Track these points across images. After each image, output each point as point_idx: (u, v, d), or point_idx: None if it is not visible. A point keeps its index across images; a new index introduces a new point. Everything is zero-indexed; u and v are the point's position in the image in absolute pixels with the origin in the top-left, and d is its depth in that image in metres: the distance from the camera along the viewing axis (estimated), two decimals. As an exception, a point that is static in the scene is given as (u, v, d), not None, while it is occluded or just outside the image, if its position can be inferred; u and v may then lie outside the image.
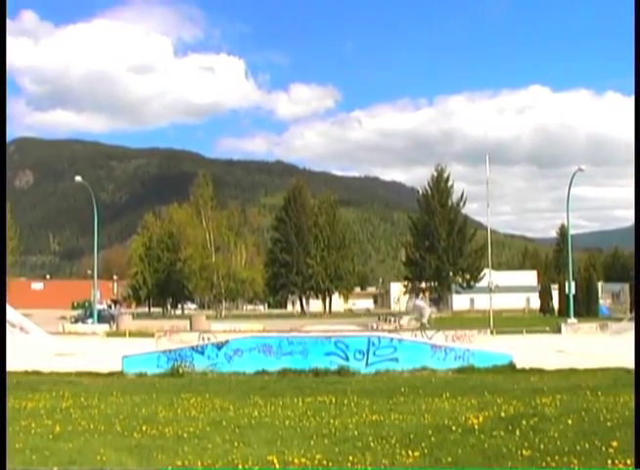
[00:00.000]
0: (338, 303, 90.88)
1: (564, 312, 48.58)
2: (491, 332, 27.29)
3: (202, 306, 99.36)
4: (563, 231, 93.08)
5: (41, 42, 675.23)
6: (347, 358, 16.12)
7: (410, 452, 7.23)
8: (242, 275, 76.63)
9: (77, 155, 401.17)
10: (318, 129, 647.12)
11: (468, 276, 74.21)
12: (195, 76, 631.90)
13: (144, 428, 8.83)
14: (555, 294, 61.17)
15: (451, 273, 74.34)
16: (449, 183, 76.84)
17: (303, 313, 79.00)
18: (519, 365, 15.93)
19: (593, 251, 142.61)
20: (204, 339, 20.96)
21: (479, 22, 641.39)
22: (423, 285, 76.72)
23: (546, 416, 9.36)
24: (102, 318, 44.53)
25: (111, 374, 15.89)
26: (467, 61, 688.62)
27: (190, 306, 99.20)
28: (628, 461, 6.59)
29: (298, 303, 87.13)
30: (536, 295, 67.49)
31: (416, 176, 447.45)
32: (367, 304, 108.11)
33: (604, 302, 60.51)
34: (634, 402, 7.99)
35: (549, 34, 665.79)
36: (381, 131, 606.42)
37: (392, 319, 43.93)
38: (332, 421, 9.28)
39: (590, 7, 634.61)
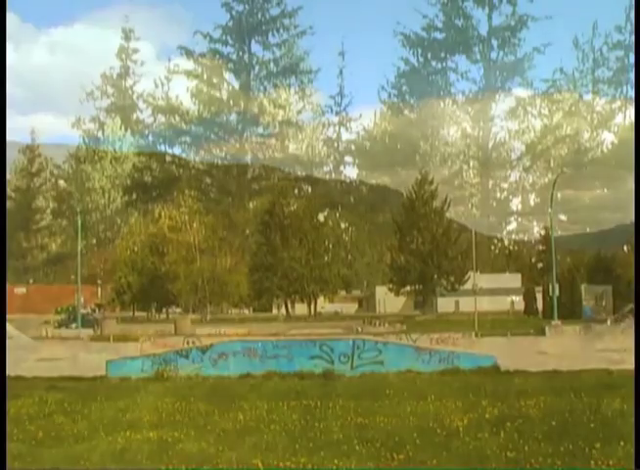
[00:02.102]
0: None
1: (548, 314, 48.73)
2: (476, 334, 27.34)
3: (186, 310, 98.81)
4: (546, 233, 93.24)
5: (22, 45, 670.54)
6: (332, 362, 16.09)
7: (395, 455, 7.24)
8: (226, 279, 76.35)
9: (60, 159, 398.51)
10: (303, 132, 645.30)
11: (452, 279, 74.17)
12: (179, 79, 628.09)
13: (128, 433, 8.78)
14: (539, 296, 61.37)
15: (436, 276, 74.29)
16: (433, 186, 76.95)
17: (289, 317, 78.77)
18: (503, 367, 15.96)
19: (576, 253, 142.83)
20: (188, 343, 20.95)
21: (464, 24, 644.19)
22: (407, 288, 76.77)
23: (530, 418, 9.41)
24: (86, 323, 44.05)
25: (95, 379, 15.77)
26: (451, 63, 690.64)
27: (175, 310, 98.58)
28: (610, 462, 6.64)
29: (284, 306, 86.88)
30: (521, 297, 67.70)
31: (401, 179, 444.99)
32: (345, 308, 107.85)
33: (587, 303, 60.62)
34: (634, 402, 8.03)
35: (533, 37, 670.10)
36: (366, 134, 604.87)
37: (377, 322, 44.01)
38: (317, 424, 9.27)
39: (576, 10, 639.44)
